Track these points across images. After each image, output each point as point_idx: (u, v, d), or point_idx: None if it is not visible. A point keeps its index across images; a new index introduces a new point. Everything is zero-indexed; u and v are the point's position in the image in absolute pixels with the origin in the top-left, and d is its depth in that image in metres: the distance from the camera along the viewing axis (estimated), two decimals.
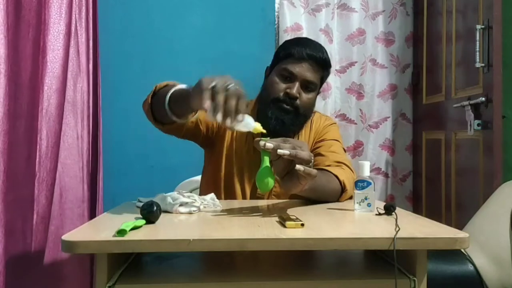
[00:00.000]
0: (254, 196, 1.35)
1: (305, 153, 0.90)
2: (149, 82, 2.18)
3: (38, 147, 1.71)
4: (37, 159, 1.71)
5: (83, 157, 1.86)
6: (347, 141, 2.35)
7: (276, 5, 2.29)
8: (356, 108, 2.36)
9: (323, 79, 1.35)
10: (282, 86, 1.29)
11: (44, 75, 1.73)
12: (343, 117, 2.35)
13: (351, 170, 1.28)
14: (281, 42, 2.28)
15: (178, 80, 2.30)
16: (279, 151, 0.88)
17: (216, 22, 2.25)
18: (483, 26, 1.70)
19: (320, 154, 1.30)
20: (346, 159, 1.32)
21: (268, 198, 1.36)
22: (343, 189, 1.20)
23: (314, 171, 0.90)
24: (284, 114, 1.28)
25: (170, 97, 1.04)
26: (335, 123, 1.46)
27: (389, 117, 2.38)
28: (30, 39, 1.72)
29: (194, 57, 2.22)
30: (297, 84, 1.28)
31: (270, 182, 0.92)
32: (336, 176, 1.19)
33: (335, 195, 1.19)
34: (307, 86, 1.30)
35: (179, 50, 2.20)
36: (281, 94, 1.29)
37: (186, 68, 2.22)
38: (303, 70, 1.28)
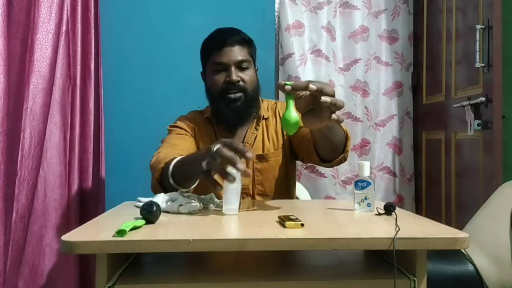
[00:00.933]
0: None
1: (330, 88, 0.93)
2: (149, 81, 2.21)
3: (20, 146, 1.69)
4: (19, 158, 1.69)
5: (71, 157, 1.84)
6: (353, 140, 2.30)
7: (277, 4, 2.28)
8: (362, 106, 2.32)
9: (252, 54, 1.41)
10: (221, 78, 1.36)
11: (31, 74, 1.71)
12: (348, 115, 2.31)
13: None
14: (282, 41, 2.30)
15: (178, 79, 2.28)
16: (310, 86, 0.91)
17: (216, 22, 2.23)
18: (483, 26, 1.70)
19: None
20: None
21: (252, 198, 1.38)
22: (346, 136, 1.21)
23: (340, 100, 0.94)
24: (236, 102, 1.35)
25: (172, 172, 1.12)
26: None
27: (395, 115, 2.34)
28: (19, 37, 1.71)
29: (195, 57, 2.22)
30: (232, 69, 1.34)
31: (297, 124, 0.96)
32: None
33: (343, 140, 1.20)
34: (241, 66, 1.36)
35: (179, 50, 2.19)
36: (224, 84, 1.35)
37: (186, 68, 2.22)
38: (230, 54, 1.35)
